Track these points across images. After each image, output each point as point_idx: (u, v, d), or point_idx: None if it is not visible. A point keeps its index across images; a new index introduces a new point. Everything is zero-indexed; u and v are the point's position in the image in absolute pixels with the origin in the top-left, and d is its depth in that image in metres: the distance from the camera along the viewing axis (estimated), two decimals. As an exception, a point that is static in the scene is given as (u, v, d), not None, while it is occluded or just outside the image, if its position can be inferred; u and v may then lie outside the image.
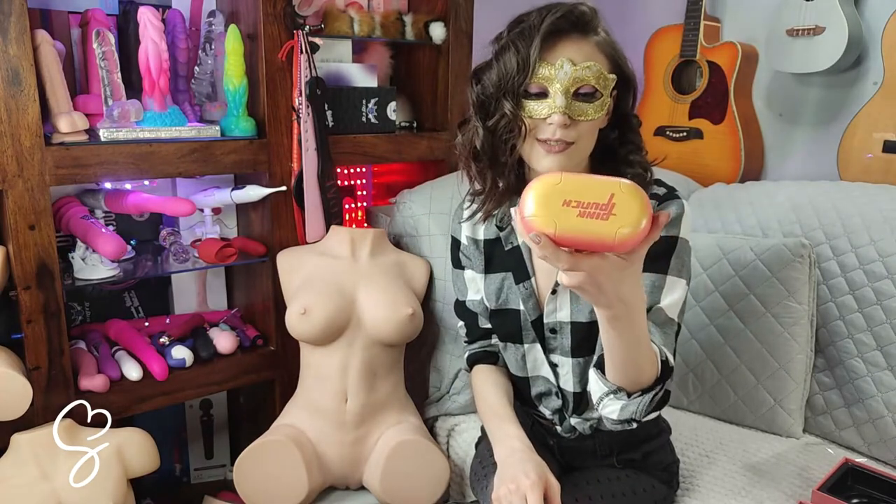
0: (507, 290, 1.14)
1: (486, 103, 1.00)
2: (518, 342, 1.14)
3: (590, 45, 0.96)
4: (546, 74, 0.94)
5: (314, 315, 1.39)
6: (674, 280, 0.98)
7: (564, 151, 0.96)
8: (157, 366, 1.45)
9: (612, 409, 0.91)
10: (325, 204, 1.59)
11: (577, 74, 0.94)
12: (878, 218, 1.39)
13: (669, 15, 2.03)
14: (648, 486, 1.16)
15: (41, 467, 1.24)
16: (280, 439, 1.36)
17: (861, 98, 1.70)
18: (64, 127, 1.30)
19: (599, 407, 0.94)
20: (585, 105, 0.95)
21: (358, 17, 1.64)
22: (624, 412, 0.90)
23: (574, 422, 1.15)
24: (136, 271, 1.52)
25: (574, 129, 0.96)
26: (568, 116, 0.94)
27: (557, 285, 1.07)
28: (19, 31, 1.20)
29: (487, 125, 1.00)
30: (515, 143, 0.99)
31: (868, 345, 1.37)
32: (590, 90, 0.95)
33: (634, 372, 0.88)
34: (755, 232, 1.53)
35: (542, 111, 0.95)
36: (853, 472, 1.22)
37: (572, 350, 1.09)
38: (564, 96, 0.94)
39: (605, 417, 0.94)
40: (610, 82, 0.97)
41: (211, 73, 1.57)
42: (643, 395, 0.89)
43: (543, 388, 1.16)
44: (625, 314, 0.78)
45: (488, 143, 1.01)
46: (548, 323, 1.10)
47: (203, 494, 1.62)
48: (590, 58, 0.95)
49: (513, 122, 0.97)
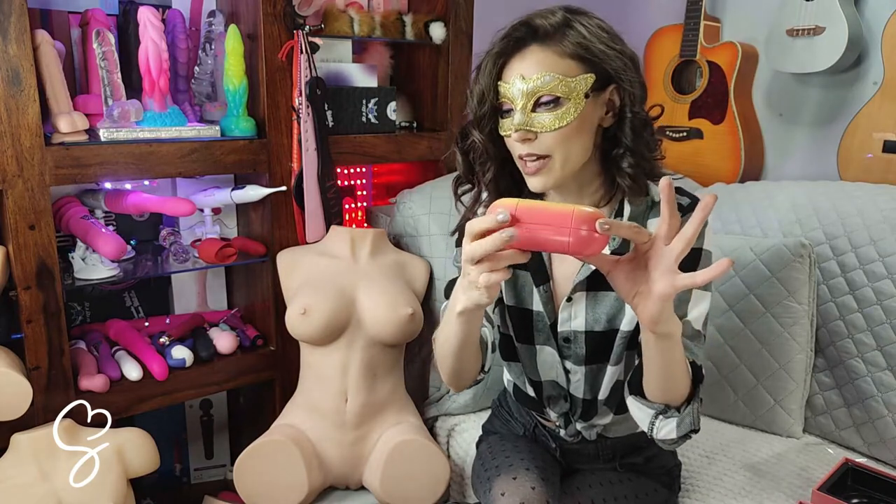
0: (521, 287, 1.11)
1: (465, 130, 1.04)
2: (530, 343, 1.12)
3: (546, 53, 0.93)
4: (506, 93, 0.95)
5: (314, 315, 1.39)
6: (700, 293, 0.96)
7: (542, 170, 0.96)
8: (157, 366, 1.45)
9: (668, 429, 0.90)
10: (325, 204, 1.59)
11: (529, 88, 0.92)
12: (878, 218, 1.39)
13: (669, 15, 2.03)
14: (650, 490, 1.16)
15: (41, 467, 1.24)
16: (280, 439, 1.36)
17: (861, 98, 1.70)
18: (64, 127, 1.30)
19: (654, 432, 0.92)
20: (547, 115, 0.93)
21: (358, 17, 1.64)
22: (682, 427, 0.89)
23: (580, 427, 1.14)
24: (136, 271, 1.52)
25: (541, 143, 0.94)
26: (526, 131, 0.94)
27: (573, 292, 1.04)
28: (19, 31, 1.20)
29: (463, 150, 1.05)
30: (489, 166, 1.03)
31: (868, 345, 1.37)
32: (550, 98, 0.92)
33: (675, 386, 0.87)
34: (755, 232, 1.53)
35: (507, 128, 0.96)
36: (853, 472, 1.22)
37: (586, 358, 1.07)
38: (522, 112, 0.93)
39: (664, 440, 0.92)
40: (579, 84, 0.93)
41: (211, 73, 1.57)
42: (691, 404, 0.88)
43: (553, 392, 1.14)
44: (676, 329, 0.81)
45: (466, 166, 1.07)
46: (561, 332, 1.07)
47: (203, 494, 1.62)
48: (545, 68, 0.92)
49: (482, 149, 1.01)
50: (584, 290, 1.04)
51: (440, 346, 1.01)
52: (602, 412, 1.11)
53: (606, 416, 1.12)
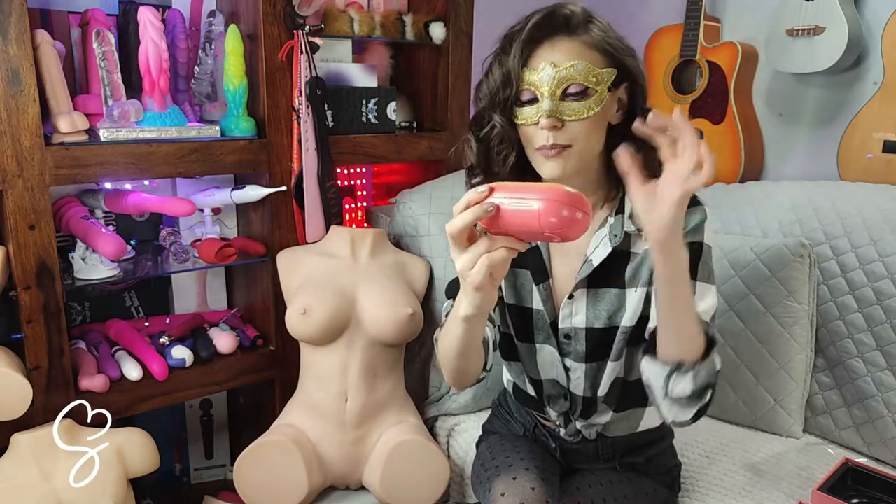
0: (520, 286, 1.13)
1: (480, 116, 1.03)
2: (530, 341, 1.13)
3: (576, 43, 0.96)
4: (532, 80, 0.96)
5: (314, 315, 1.39)
6: (704, 286, 0.97)
7: (562, 154, 0.97)
8: (157, 366, 1.45)
9: (683, 385, 0.89)
10: (325, 204, 1.59)
11: (561, 75, 0.94)
12: (878, 218, 1.38)
13: (669, 15, 2.03)
14: (650, 490, 1.16)
15: (41, 467, 1.24)
16: (280, 439, 1.36)
17: (861, 98, 1.70)
18: (64, 127, 1.30)
19: (669, 390, 0.90)
20: (575, 104, 0.95)
21: (358, 17, 1.64)
22: (697, 380, 0.88)
23: (580, 426, 1.14)
24: (136, 271, 1.52)
25: (567, 131, 0.96)
26: (556, 118, 0.95)
27: (575, 289, 1.05)
28: (19, 31, 1.20)
29: (480, 137, 1.03)
30: (507, 154, 1.02)
31: (868, 345, 1.37)
32: (579, 88, 0.95)
33: (688, 338, 0.88)
34: (755, 232, 1.53)
35: (532, 116, 0.97)
36: (853, 472, 1.22)
37: (586, 355, 1.08)
38: (551, 99, 0.95)
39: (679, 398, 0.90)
40: (605, 77, 0.96)
41: (211, 73, 1.57)
42: (706, 359, 0.88)
43: (553, 391, 1.14)
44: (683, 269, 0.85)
45: (482, 154, 1.04)
46: (562, 329, 1.08)
47: (203, 494, 1.62)
48: (576, 57, 0.95)
49: (503, 134, 1.00)
50: (585, 287, 1.05)
51: (444, 347, 1.01)
52: (601, 410, 1.11)
53: (606, 413, 1.12)
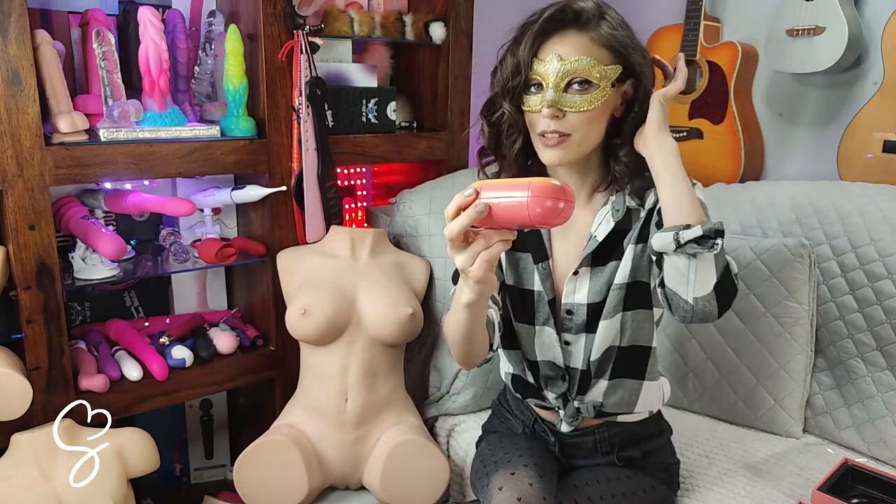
0: (522, 269, 1.17)
1: (492, 102, 1.10)
2: (530, 323, 1.16)
3: (584, 39, 1.01)
4: (539, 70, 1.01)
5: (314, 315, 1.39)
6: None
7: (561, 144, 1.03)
8: (157, 366, 1.45)
9: (692, 231, 0.91)
10: (325, 204, 1.59)
11: (566, 68, 1.00)
12: (878, 218, 1.38)
13: (669, 15, 2.02)
14: (648, 487, 1.16)
15: (41, 467, 1.24)
16: (280, 439, 1.36)
17: (861, 98, 1.70)
18: (64, 127, 1.30)
19: (680, 239, 0.91)
20: (577, 97, 1.00)
21: (358, 17, 1.64)
22: (707, 227, 0.90)
23: (578, 404, 1.16)
24: (136, 271, 1.52)
25: (566, 121, 1.01)
26: (557, 108, 1.00)
27: (580, 266, 1.10)
28: (19, 31, 1.20)
29: (491, 121, 1.10)
30: (516, 138, 1.09)
31: (868, 345, 1.37)
32: (582, 82, 1.00)
33: (689, 203, 0.96)
34: (755, 232, 1.53)
35: (537, 104, 1.02)
36: (853, 472, 1.22)
37: (586, 325, 1.12)
38: (555, 90, 1.00)
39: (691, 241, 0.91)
40: (610, 73, 1.01)
41: (211, 73, 1.57)
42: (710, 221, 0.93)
43: (551, 372, 1.17)
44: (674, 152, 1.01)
45: (492, 138, 1.12)
46: (565, 304, 1.13)
47: (203, 494, 1.62)
48: (582, 52, 1.00)
49: (511, 121, 1.07)
50: (589, 264, 1.11)
51: (450, 332, 1.06)
52: (596, 377, 1.13)
53: (601, 383, 1.14)
